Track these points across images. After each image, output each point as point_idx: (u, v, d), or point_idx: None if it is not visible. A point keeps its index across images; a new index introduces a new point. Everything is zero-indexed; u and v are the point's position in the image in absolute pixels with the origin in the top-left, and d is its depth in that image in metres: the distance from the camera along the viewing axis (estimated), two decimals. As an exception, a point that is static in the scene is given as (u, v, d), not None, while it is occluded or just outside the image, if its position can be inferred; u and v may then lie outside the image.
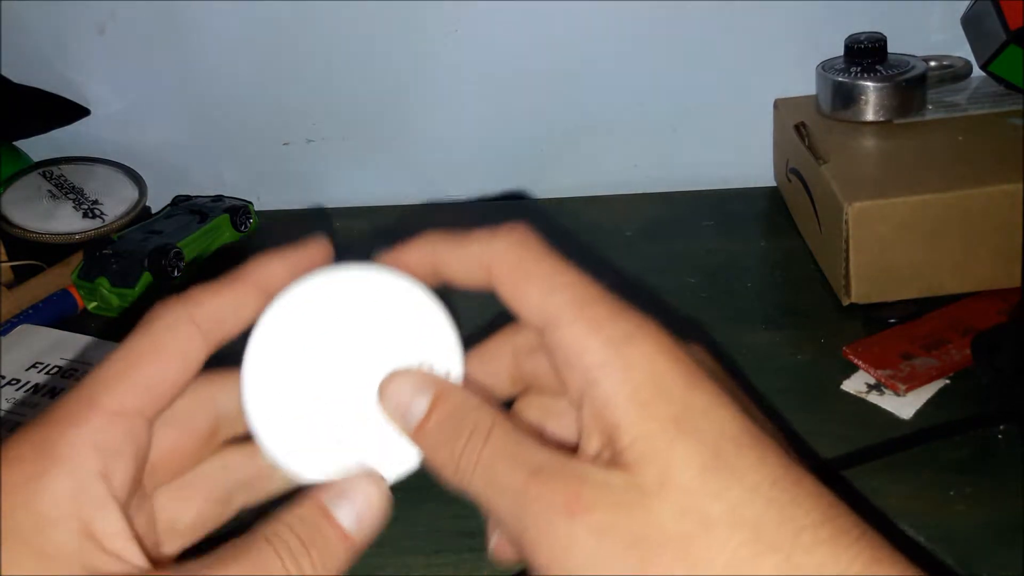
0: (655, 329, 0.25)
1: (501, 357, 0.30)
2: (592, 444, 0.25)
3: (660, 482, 0.23)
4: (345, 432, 0.28)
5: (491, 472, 0.25)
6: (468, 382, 0.29)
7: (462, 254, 0.28)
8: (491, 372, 0.30)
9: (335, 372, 0.28)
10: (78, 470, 0.24)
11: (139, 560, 0.24)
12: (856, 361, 0.49)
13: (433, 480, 0.27)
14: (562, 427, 0.29)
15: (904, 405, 0.46)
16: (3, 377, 0.50)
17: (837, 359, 0.49)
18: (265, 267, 0.28)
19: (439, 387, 0.27)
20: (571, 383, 0.25)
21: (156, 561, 0.25)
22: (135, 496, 0.26)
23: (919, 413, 0.45)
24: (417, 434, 0.27)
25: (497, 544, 0.29)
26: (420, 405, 0.27)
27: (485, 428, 0.26)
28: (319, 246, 0.29)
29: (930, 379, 0.47)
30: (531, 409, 0.30)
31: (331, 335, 0.28)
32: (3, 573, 0.23)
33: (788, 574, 0.22)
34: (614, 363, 0.24)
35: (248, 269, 0.28)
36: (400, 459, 0.28)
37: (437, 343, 0.28)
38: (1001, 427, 0.44)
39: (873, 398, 0.47)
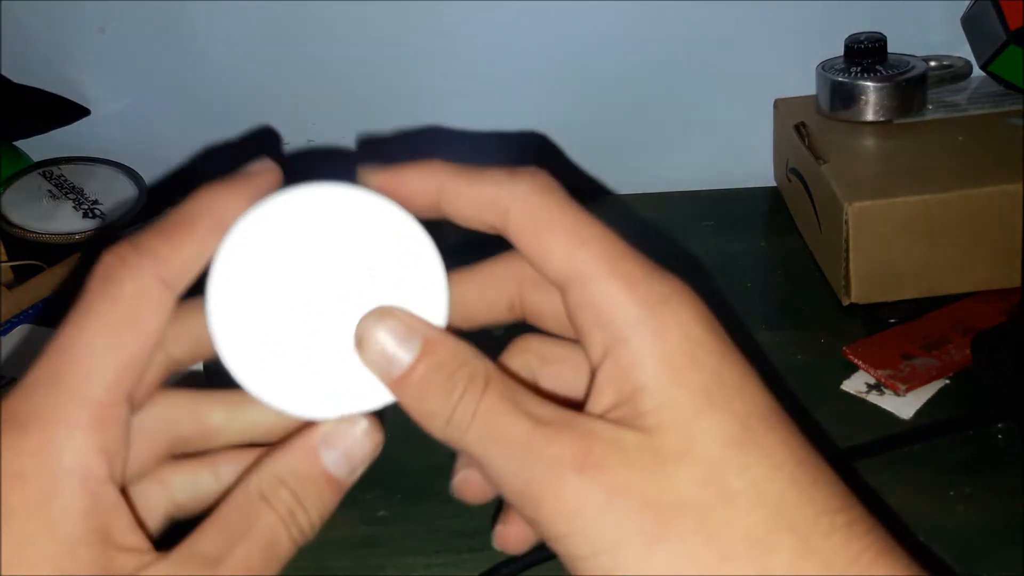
0: (690, 294, 0.25)
1: (504, 281, 0.28)
2: (603, 401, 0.24)
3: (682, 449, 0.22)
4: (326, 361, 0.26)
5: (490, 424, 0.24)
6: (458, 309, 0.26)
7: (474, 191, 0.25)
8: (490, 295, 0.28)
9: (308, 298, 0.26)
10: (91, 481, 0.23)
11: (146, 545, 0.24)
12: (856, 361, 0.49)
13: (433, 480, 0.26)
14: (559, 374, 0.28)
15: (904, 405, 0.46)
16: (3, 377, 0.50)
17: (837, 359, 0.49)
18: (220, 202, 0.26)
19: (427, 334, 0.25)
20: (595, 340, 0.24)
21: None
22: None
23: (919, 413, 0.45)
24: (400, 384, 0.25)
25: (461, 480, 0.28)
26: (405, 355, 0.25)
27: (482, 378, 0.24)
28: (267, 170, 0.27)
29: (930, 379, 0.47)
30: (525, 355, 0.28)
31: (300, 259, 0.26)
32: None
33: (803, 555, 0.22)
34: (648, 323, 0.24)
35: (201, 205, 0.25)
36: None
37: (417, 263, 0.26)
38: (1001, 426, 0.44)
39: (873, 398, 0.47)
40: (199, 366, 0.48)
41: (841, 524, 0.22)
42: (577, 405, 0.25)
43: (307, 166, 0.74)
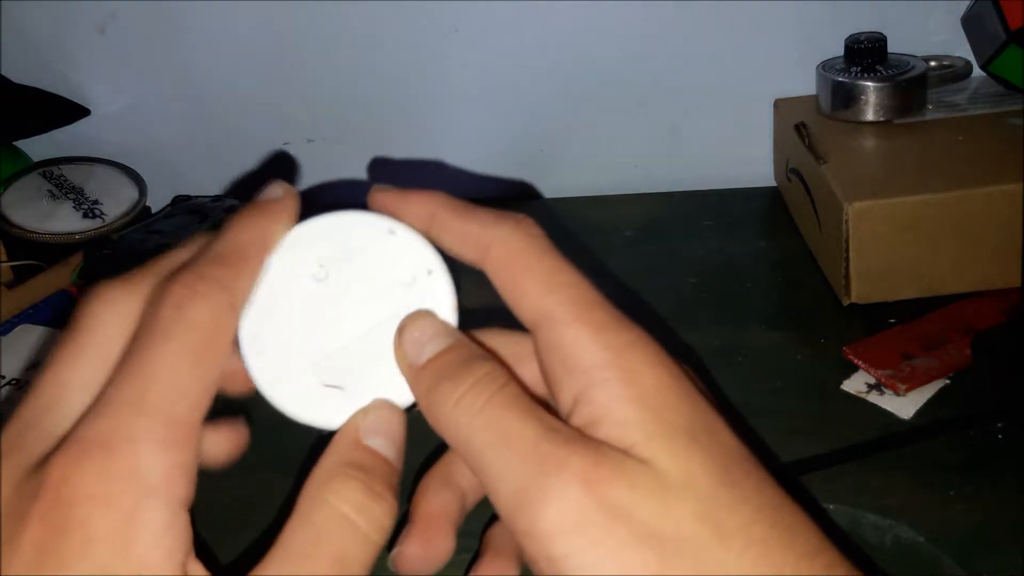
0: (654, 342, 0.25)
1: None
2: (598, 433, 0.24)
3: (683, 482, 0.23)
4: (348, 377, 0.27)
5: (501, 416, 0.24)
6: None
7: (461, 226, 0.27)
8: None
9: (332, 320, 0.27)
10: (172, 502, 0.23)
11: (206, 573, 0.24)
12: (856, 361, 0.49)
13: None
14: None
15: (904, 405, 0.46)
16: (3, 377, 0.50)
17: (837, 359, 0.49)
18: (264, 230, 0.27)
19: (460, 337, 0.27)
20: (565, 386, 0.25)
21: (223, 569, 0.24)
22: None
23: (919, 413, 0.45)
24: (423, 369, 0.26)
25: (398, 554, 0.28)
26: (439, 344, 0.26)
27: (501, 377, 0.25)
28: (289, 193, 0.28)
29: (930, 379, 0.47)
30: None
31: (325, 283, 0.27)
32: None
33: None
34: (617, 366, 0.24)
35: (247, 233, 0.26)
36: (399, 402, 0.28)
37: (434, 294, 0.28)
38: (1001, 426, 0.44)
39: (873, 398, 0.47)
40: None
41: (820, 567, 0.23)
42: None
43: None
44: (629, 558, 0.22)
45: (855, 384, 0.48)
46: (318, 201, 0.73)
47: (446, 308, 0.28)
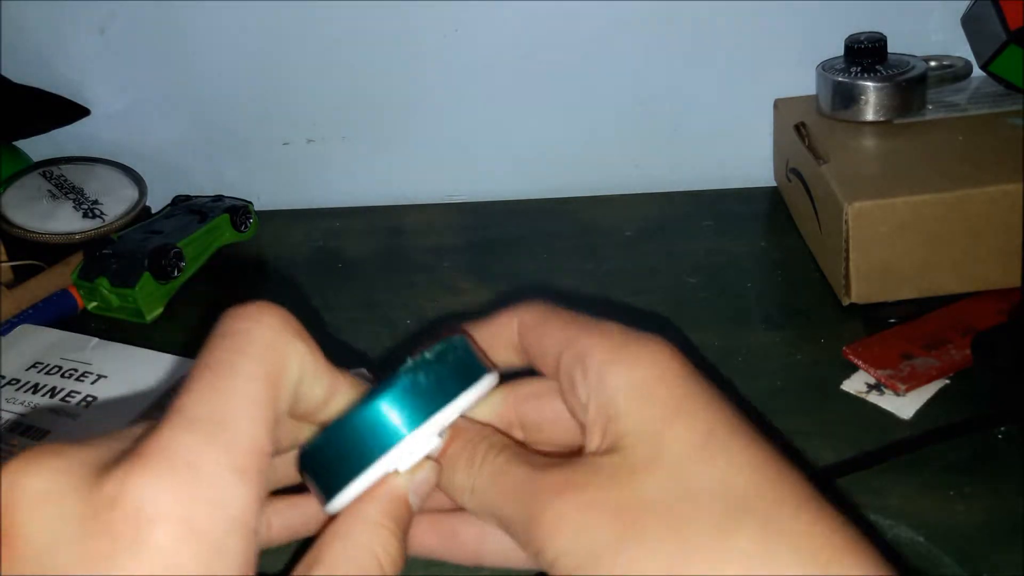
0: (660, 337, 0.27)
1: (501, 401, 0.31)
2: (594, 440, 0.26)
3: (651, 457, 0.24)
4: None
5: (500, 477, 0.27)
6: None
7: (490, 334, 0.30)
8: (488, 415, 0.31)
9: None
10: (251, 534, 0.22)
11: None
12: (856, 361, 0.49)
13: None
14: None
15: (904, 405, 0.46)
16: (3, 377, 0.50)
17: (837, 359, 0.49)
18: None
19: (456, 424, 0.29)
20: (581, 390, 0.27)
21: None
22: None
23: (919, 413, 0.45)
24: (439, 464, 0.28)
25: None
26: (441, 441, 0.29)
27: (499, 446, 0.28)
28: None
29: (930, 379, 0.47)
30: None
31: None
32: None
33: (766, 537, 0.22)
34: (621, 359, 0.26)
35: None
36: None
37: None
38: (1002, 428, 0.44)
39: (873, 398, 0.47)
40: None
41: (806, 512, 0.23)
42: None
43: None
44: (599, 535, 0.23)
45: (855, 384, 0.48)
46: (317, 199, 0.73)
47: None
